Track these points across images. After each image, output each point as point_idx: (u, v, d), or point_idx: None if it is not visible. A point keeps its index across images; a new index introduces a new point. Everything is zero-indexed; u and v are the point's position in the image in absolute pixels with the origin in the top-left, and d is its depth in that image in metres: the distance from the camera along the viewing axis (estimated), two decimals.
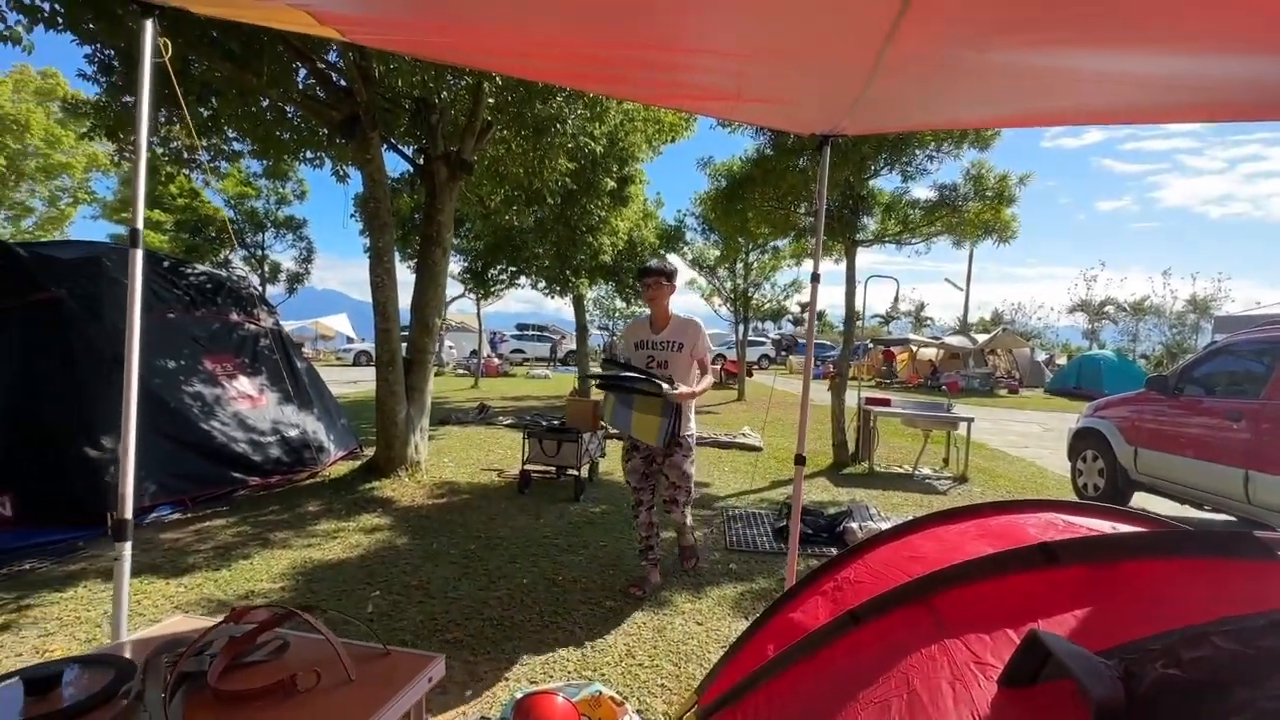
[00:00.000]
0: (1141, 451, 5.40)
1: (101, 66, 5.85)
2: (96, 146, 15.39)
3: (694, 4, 1.32)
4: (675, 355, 3.30)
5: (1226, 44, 1.15)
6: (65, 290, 4.63)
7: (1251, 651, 0.70)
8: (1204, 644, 0.72)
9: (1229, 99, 1.45)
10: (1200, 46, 1.19)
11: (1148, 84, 1.43)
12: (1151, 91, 1.48)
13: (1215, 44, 1.16)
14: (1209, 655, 0.71)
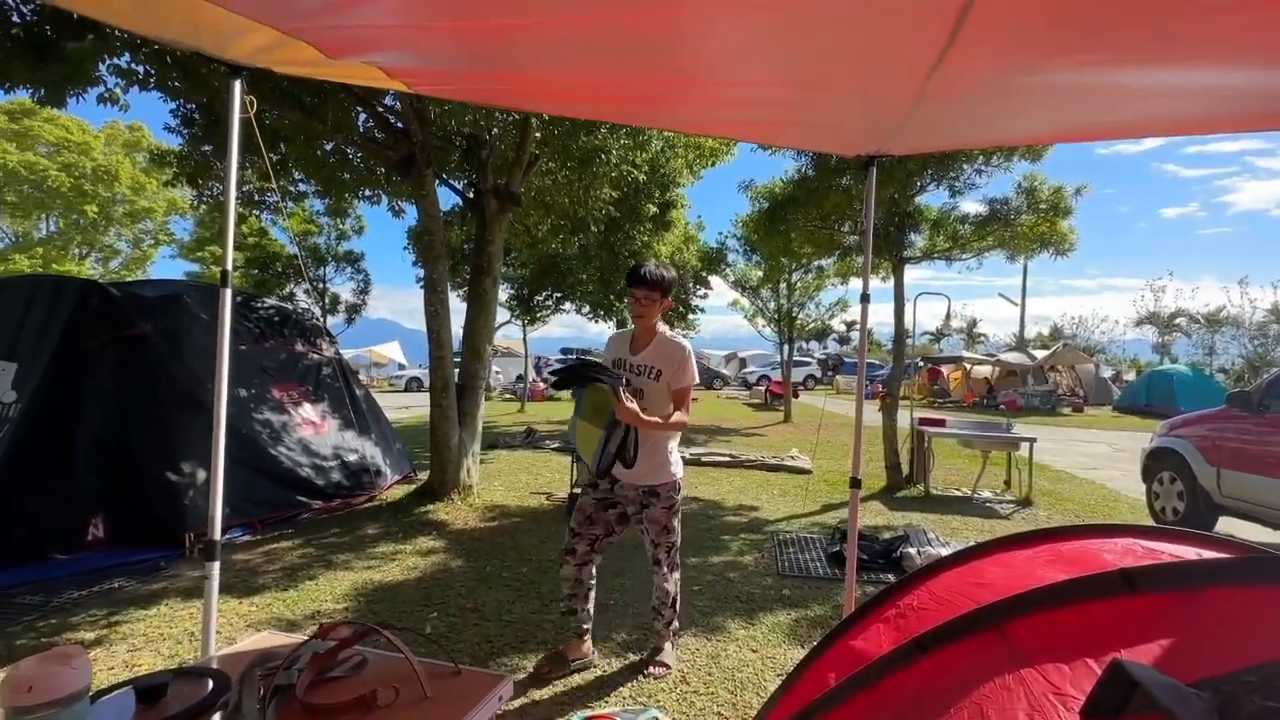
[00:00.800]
0: (1225, 473, 5.05)
1: (184, 120, 6.38)
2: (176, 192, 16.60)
3: (740, 41, 1.37)
4: (651, 384, 2.62)
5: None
6: (151, 326, 5.00)
7: None
8: None
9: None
10: (1254, 61, 1.17)
11: (1204, 96, 1.40)
12: (1210, 102, 1.44)
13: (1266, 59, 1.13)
14: None
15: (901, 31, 1.28)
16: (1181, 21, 1.02)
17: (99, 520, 4.21)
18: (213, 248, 18.52)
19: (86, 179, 18.20)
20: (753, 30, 1.30)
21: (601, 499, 2.75)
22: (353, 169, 6.65)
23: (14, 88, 4.93)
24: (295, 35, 1.59)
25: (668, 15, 1.24)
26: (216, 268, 17.24)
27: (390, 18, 1.37)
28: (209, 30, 1.63)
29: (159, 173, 15.84)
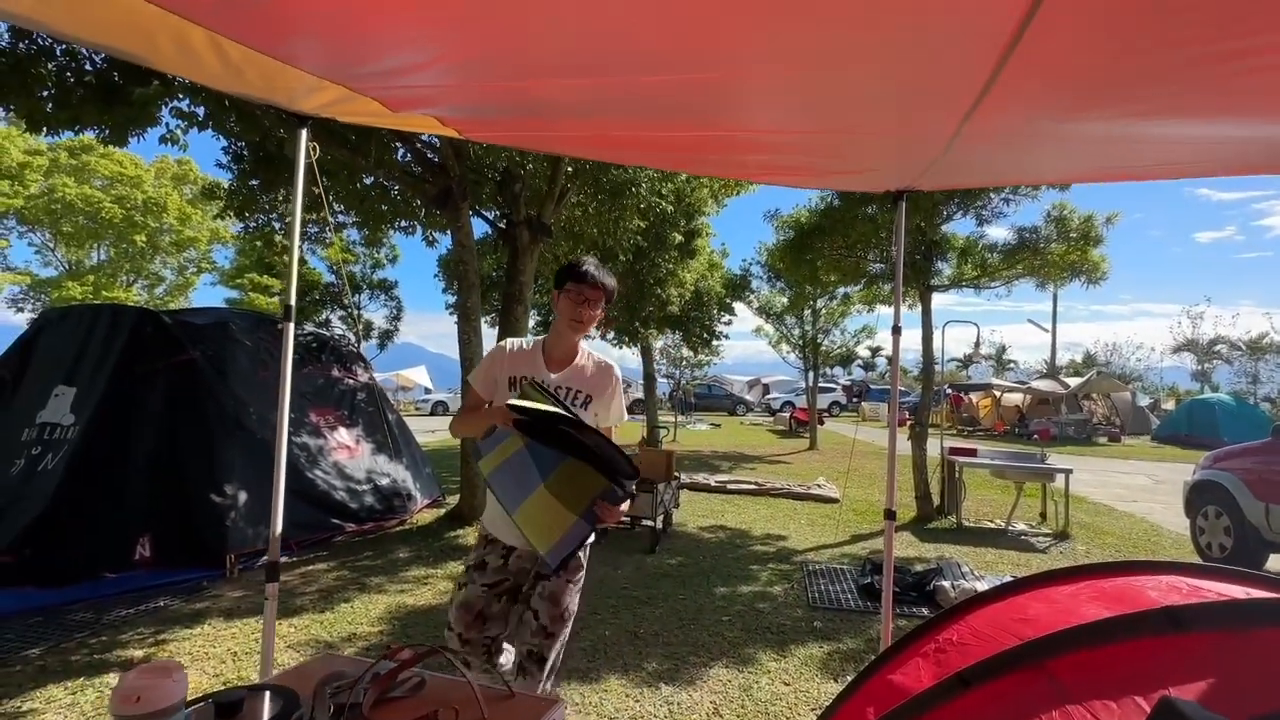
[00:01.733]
0: (1274, 509, 4.88)
1: (235, 156, 6.73)
2: (220, 222, 17.33)
3: (778, 92, 1.45)
4: (579, 413, 1.85)
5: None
6: (200, 352, 5.23)
7: None
8: None
9: None
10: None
11: (1227, 143, 1.43)
12: (1233, 148, 1.48)
13: None
14: None
15: (941, 79, 1.35)
16: (1203, 81, 1.08)
17: (146, 540, 4.36)
18: (251, 275, 19.26)
19: (137, 210, 19.16)
20: (793, 81, 1.38)
21: (494, 583, 1.95)
22: (391, 201, 6.92)
23: (84, 129, 5.29)
24: (362, 93, 1.72)
25: (718, 74, 1.33)
26: (255, 294, 17.57)
27: (454, 78, 1.49)
28: (283, 86, 1.77)
29: (207, 205, 16.59)
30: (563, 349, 2.02)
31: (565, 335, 2.00)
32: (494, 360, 2.01)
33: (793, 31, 1.15)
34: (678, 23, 1.18)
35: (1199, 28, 0.90)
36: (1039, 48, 1.00)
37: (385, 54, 1.38)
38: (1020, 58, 1.07)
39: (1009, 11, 0.95)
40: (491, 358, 2.03)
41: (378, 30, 1.24)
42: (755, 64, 1.36)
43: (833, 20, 1.11)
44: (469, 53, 1.33)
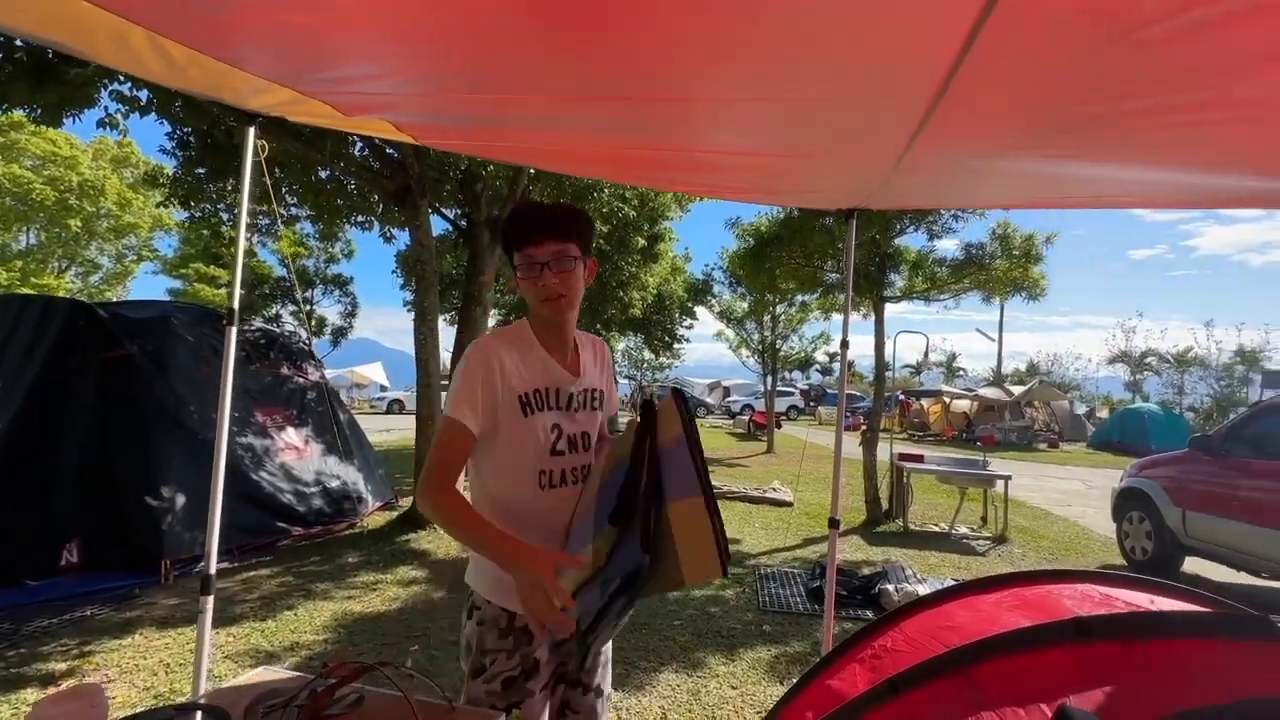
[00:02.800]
0: (1190, 515, 5.22)
1: (180, 142, 6.44)
2: (163, 210, 16.56)
3: (737, 121, 1.50)
4: (595, 419, 1.47)
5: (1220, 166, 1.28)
6: (137, 347, 4.98)
7: None
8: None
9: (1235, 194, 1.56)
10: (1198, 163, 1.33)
11: (1155, 182, 1.55)
12: (1162, 187, 1.61)
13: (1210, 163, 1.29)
14: None
15: (881, 114, 1.42)
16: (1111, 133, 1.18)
17: (74, 545, 4.14)
18: (197, 265, 18.42)
19: (71, 193, 18.08)
20: (750, 113, 1.43)
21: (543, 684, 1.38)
22: (347, 196, 6.74)
23: (12, 108, 4.98)
24: (313, 96, 1.69)
25: (677, 102, 1.36)
26: (200, 285, 16.88)
27: (409, 89, 1.48)
28: (229, 86, 1.72)
29: (150, 192, 15.80)
30: (561, 338, 1.40)
31: (550, 320, 1.34)
32: (486, 371, 1.27)
33: (743, 65, 1.19)
34: (633, 51, 1.21)
35: (1104, 89, 0.98)
36: (966, 95, 1.07)
37: (338, 64, 1.36)
38: (951, 100, 1.13)
39: (939, 60, 1.01)
40: (479, 369, 1.27)
41: (331, 41, 1.22)
42: (708, 92, 1.39)
43: (779, 58, 1.16)
44: (425, 67, 1.32)
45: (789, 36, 1.06)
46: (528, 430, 1.31)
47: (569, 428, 1.37)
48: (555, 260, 1.29)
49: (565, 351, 1.41)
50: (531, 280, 1.31)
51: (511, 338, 1.36)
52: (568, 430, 1.37)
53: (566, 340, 1.41)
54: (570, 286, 1.32)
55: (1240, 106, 0.97)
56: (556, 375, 1.37)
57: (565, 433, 1.36)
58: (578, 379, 1.40)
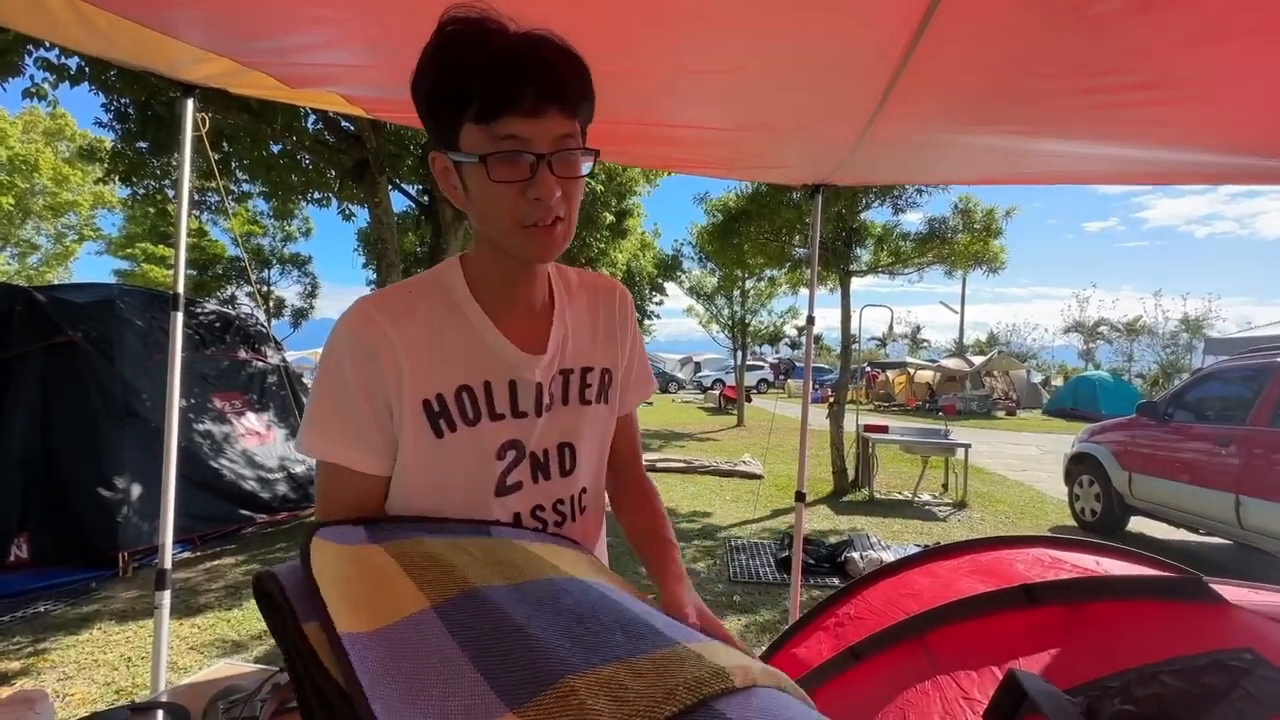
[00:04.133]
0: (1136, 477, 5.49)
1: (118, 114, 6.08)
2: (106, 186, 15.70)
3: (698, 94, 1.47)
4: (593, 414, 0.88)
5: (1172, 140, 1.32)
6: (80, 333, 4.75)
7: (1194, 689, 0.81)
8: (1154, 682, 0.83)
9: (1181, 169, 1.61)
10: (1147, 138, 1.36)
11: (1107, 157, 1.59)
12: (1114, 163, 1.65)
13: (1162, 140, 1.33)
14: (1159, 692, 0.82)
15: (842, 90, 1.41)
16: (1063, 111, 1.20)
17: (22, 540, 3.98)
18: (144, 245, 17.54)
19: (2, 169, 16.96)
20: (710, 86, 1.40)
21: None
22: (301, 172, 6.48)
23: None
24: (255, 67, 1.60)
25: (637, 75, 1.32)
26: (149, 265, 16.19)
27: (358, 59, 1.41)
28: (162, 56, 1.62)
29: (88, 168, 14.93)
30: (530, 291, 0.82)
31: (531, 259, 0.77)
32: (364, 363, 0.74)
33: (701, 38, 1.16)
34: (590, 19, 1.17)
35: (1055, 66, 0.99)
36: (925, 70, 1.06)
37: (278, 32, 1.28)
38: (910, 76, 1.13)
39: (898, 37, 1.00)
40: (350, 363, 0.74)
41: (267, 5, 1.15)
42: (667, 63, 1.36)
43: (741, 29, 1.13)
44: (373, 35, 1.25)
45: (750, 6, 1.04)
46: (446, 461, 0.76)
47: (535, 441, 0.81)
48: (561, 151, 0.68)
49: (531, 312, 0.82)
50: (510, 186, 0.68)
51: (417, 301, 0.77)
52: (533, 447, 0.81)
53: (538, 293, 0.82)
54: (575, 202, 0.73)
55: (1184, 85, 1.00)
56: (506, 358, 0.78)
57: (529, 451, 0.80)
58: (541, 359, 0.80)
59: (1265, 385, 4.59)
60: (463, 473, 0.77)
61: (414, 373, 0.74)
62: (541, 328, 0.83)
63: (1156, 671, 0.85)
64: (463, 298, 0.78)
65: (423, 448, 0.75)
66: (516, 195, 0.68)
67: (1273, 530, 4.23)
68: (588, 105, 0.73)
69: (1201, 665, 0.84)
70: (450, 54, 0.66)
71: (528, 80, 0.65)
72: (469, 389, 0.76)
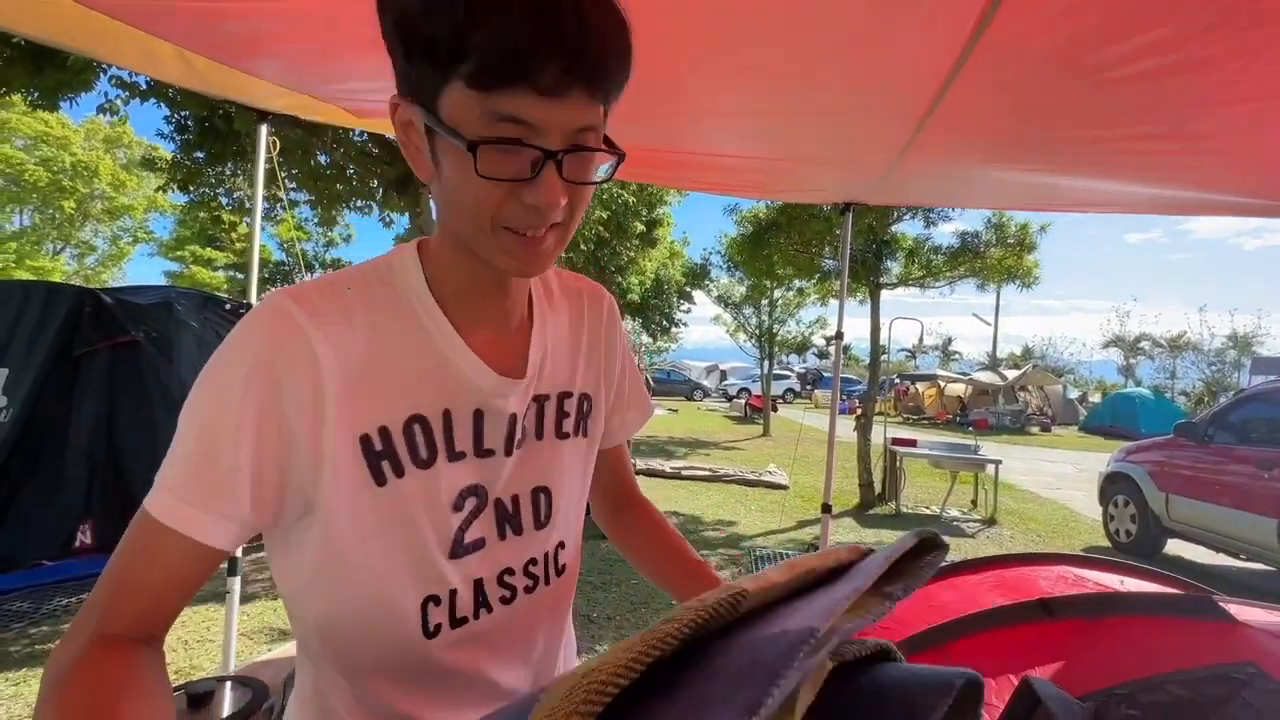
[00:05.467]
0: (1173, 498, 5.37)
1: (178, 127, 6.44)
2: (159, 192, 16.50)
3: (730, 127, 1.57)
4: (568, 450, 0.71)
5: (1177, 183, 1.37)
6: (142, 333, 5.05)
7: (1197, 698, 0.87)
8: (1160, 691, 0.89)
9: (1216, 205, 1.65)
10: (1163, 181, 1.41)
11: (1130, 193, 1.64)
12: (1136, 198, 1.69)
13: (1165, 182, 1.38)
14: (1163, 701, 0.88)
15: (873, 134, 1.50)
16: (1077, 155, 1.26)
17: (87, 527, 4.25)
18: (193, 247, 18.32)
19: (64, 174, 17.94)
20: (750, 124, 1.50)
21: None
22: (347, 182, 6.75)
23: (11, 93, 4.99)
24: (326, 100, 1.75)
25: (678, 113, 1.43)
26: (197, 267, 16.79)
27: None
28: (246, 91, 1.78)
29: (145, 174, 15.67)
30: (505, 299, 0.63)
31: (518, 271, 0.57)
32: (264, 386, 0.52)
33: (745, 85, 1.26)
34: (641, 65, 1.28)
35: (1071, 118, 1.06)
36: (952, 115, 1.14)
37: (351, 79, 1.42)
38: (937, 120, 1.21)
39: (927, 88, 1.08)
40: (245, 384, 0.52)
41: (343, 60, 1.28)
42: (707, 104, 1.47)
43: (779, 75, 1.23)
44: None
45: (790, 59, 1.14)
46: (386, 516, 0.58)
47: (502, 487, 0.64)
48: (578, 149, 0.51)
49: (506, 324, 0.65)
50: (499, 184, 0.50)
51: (355, 300, 0.58)
52: (499, 493, 0.64)
53: (515, 302, 0.65)
54: (579, 211, 0.57)
55: (1199, 139, 1.06)
56: (472, 380, 0.61)
57: (491, 499, 0.64)
58: (519, 384, 0.64)
59: None
60: (408, 530, 0.58)
61: (348, 400, 0.54)
62: (518, 343, 0.65)
63: (1162, 681, 0.91)
64: (419, 300, 0.59)
65: (358, 501, 0.56)
66: (506, 194, 0.50)
67: None
68: (619, 85, 0.52)
69: (1205, 677, 0.89)
70: (434, 56, 0.47)
71: (555, 43, 0.45)
72: (422, 420, 0.58)
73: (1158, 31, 0.74)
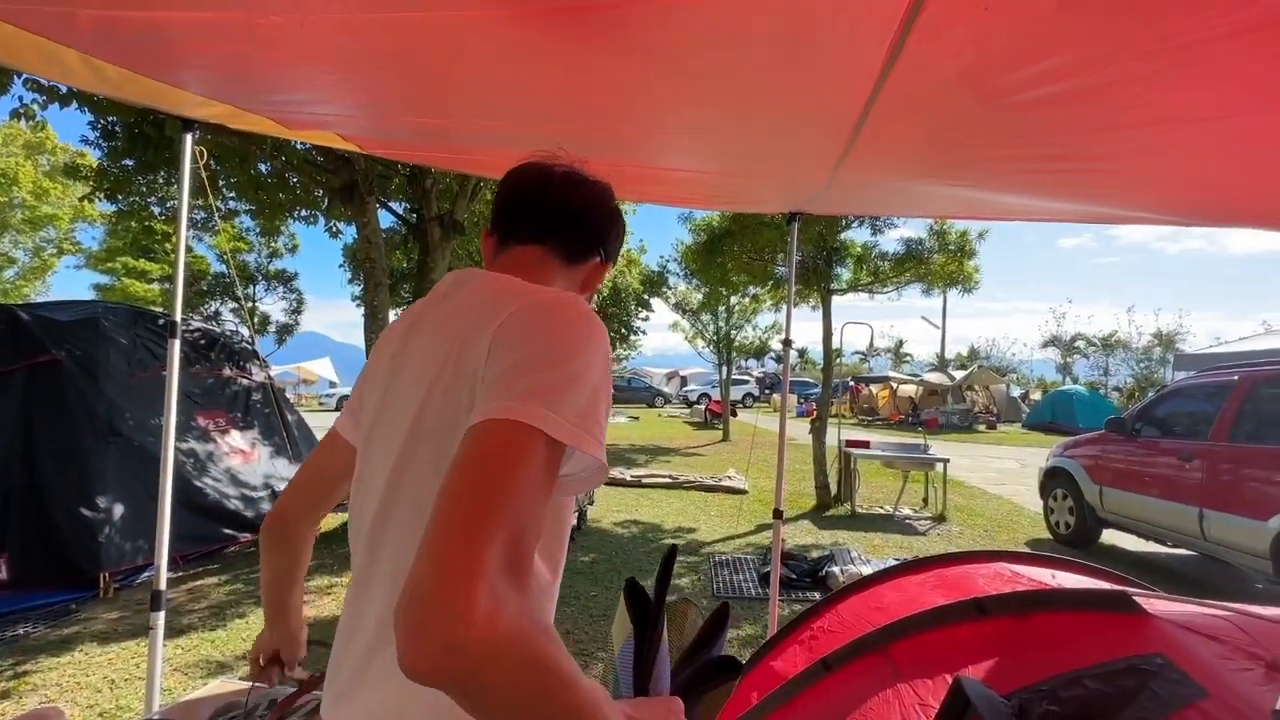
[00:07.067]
0: (1106, 490, 5.66)
1: (105, 133, 6.11)
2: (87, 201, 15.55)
3: (682, 144, 1.59)
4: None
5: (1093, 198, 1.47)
6: (64, 352, 4.75)
7: (1111, 690, 0.91)
8: (1077, 685, 0.93)
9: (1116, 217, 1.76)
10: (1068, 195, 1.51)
11: (1047, 207, 1.73)
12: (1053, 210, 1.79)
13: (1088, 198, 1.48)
14: (1080, 694, 0.92)
15: (808, 151, 1.54)
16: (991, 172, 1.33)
17: (1, 562, 3.95)
18: (124, 258, 17.34)
19: None
20: (693, 141, 1.52)
21: None
22: (289, 191, 6.53)
23: None
24: (254, 111, 1.69)
25: (627, 131, 1.43)
26: (129, 279, 15.88)
27: (350, 110, 1.50)
28: (167, 99, 1.70)
29: (71, 182, 14.79)
30: None
31: None
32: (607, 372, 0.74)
33: (684, 108, 1.28)
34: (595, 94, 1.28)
35: (983, 138, 1.11)
36: (877, 136, 1.18)
37: (280, 90, 1.37)
38: (865, 139, 1.25)
39: (852, 108, 1.11)
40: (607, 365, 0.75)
41: (273, 71, 1.24)
42: (654, 123, 1.47)
43: (722, 94, 1.25)
44: (366, 97, 1.35)
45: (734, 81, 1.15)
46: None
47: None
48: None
49: None
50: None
51: None
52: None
53: None
54: None
55: (1093, 160, 1.13)
56: None
57: None
58: None
59: (1225, 402, 4.79)
60: None
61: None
62: None
63: (1080, 675, 0.95)
64: None
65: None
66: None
67: (1233, 542, 4.40)
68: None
69: (1119, 669, 0.94)
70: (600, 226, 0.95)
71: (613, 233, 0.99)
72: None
73: (1052, 60, 0.78)
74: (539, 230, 0.89)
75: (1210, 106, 0.86)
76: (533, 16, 1.01)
